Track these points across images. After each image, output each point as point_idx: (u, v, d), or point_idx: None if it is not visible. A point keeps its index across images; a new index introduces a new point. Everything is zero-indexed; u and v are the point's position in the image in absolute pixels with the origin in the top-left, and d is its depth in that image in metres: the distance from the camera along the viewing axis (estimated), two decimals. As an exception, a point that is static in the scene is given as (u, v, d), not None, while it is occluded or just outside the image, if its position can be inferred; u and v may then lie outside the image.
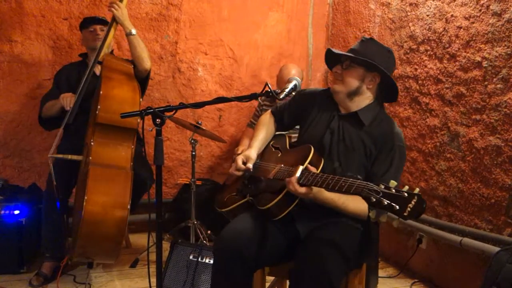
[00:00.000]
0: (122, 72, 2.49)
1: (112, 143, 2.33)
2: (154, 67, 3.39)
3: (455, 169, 2.44)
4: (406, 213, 1.20)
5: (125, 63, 2.61)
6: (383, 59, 1.69)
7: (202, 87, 3.55)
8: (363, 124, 1.71)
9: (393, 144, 1.66)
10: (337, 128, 1.74)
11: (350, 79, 1.70)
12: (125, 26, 2.54)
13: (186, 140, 3.50)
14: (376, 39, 3.13)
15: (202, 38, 3.49)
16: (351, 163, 1.67)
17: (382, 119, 1.74)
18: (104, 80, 2.37)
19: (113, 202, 2.21)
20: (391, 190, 1.25)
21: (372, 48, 1.70)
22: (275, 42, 3.72)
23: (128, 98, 2.37)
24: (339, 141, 1.73)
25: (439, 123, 2.55)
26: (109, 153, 2.31)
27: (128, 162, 2.33)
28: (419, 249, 2.69)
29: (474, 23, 2.30)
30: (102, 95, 2.31)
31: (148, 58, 2.60)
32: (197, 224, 2.82)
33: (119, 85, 2.40)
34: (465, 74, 2.37)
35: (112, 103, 2.32)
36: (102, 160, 2.27)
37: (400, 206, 1.21)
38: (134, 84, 2.45)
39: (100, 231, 2.17)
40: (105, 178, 2.24)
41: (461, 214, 2.41)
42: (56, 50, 3.14)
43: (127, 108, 2.30)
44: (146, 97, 3.38)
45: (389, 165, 1.65)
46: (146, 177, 2.58)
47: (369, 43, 1.72)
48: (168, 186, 3.56)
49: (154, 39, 3.36)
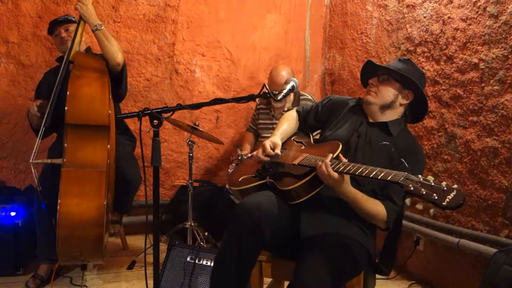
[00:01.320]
0: (93, 69, 2.42)
1: (85, 143, 2.26)
2: (152, 68, 3.39)
3: (452, 171, 2.44)
4: (445, 203, 1.21)
5: (98, 59, 2.54)
6: (418, 79, 1.73)
7: (200, 89, 3.54)
8: (391, 134, 1.74)
9: (417, 157, 1.70)
10: (364, 133, 1.77)
11: (386, 92, 1.74)
12: (89, 22, 2.49)
13: (183, 142, 3.49)
14: (373, 40, 3.16)
15: (200, 40, 3.49)
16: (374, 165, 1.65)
17: (407, 134, 1.79)
18: (72, 79, 2.30)
19: (88, 203, 2.16)
20: (429, 182, 1.27)
21: (408, 68, 1.74)
22: (272, 43, 3.72)
23: (97, 94, 2.30)
24: (365, 144, 1.75)
25: (436, 124, 2.56)
26: (82, 153, 2.24)
27: (104, 160, 2.25)
28: (416, 250, 2.69)
29: (471, 25, 2.31)
30: (69, 94, 2.25)
31: (119, 52, 2.51)
32: (194, 226, 2.81)
33: (87, 83, 2.33)
34: (462, 75, 2.37)
35: (80, 101, 2.26)
36: (75, 160, 2.22)
37: (439, 196, 1.23)
38: (104, 79, 2.38)
39: (78, 233, 2.13)
40: (78, 179, 2.18)
41: (458, 216, 2.41)
42: (53, 51, 3.12)
43: (97, 105, 2.25)
44: (143, 98, 3.37)
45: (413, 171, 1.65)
46: (134, 177, 2.55)
47: (406, 63, 1.77)
48: (165, 188, 3.55)
49: (152, 40, 3.36)
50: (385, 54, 3.01)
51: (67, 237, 2.13)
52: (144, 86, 3.35)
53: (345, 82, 3.53)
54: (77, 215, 2.13)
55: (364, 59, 3.24)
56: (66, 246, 2.15)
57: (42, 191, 2.32)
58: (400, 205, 1.65)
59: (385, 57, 3.00)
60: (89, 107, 2.23)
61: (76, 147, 2.24)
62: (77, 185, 2.17)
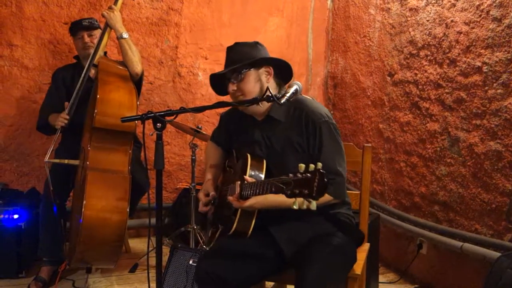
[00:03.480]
0: (118, 75, 2.49)
1: (110, 147, 2.31)
2: (154, 71, 3.40)
3: (456, 174, 2.44)
4: (315, 193, 1.20)
5: (120, 65, 2.60)
6: (258, 51, 1.69)
7: (202, 92, 3.55)
8: (280, 122, 1.69)
9: (315, 123, 1.64)
10: (261, 139, 1.73)
11: (248, 86, 1.68)
12: (116, 29, 2.54)
13: (186, 145, 3.50)
14: (376, 44, 3.16)
15: (202, 43, 3.50)
16: (288, 165, 1.60)
17: (294, 105, 1.70)
18: (101, 83, 2.35)
19: (112, 207, 2.20)
20: (297, 176, 1.25)
21: (242, 50, 1.69)
22: (275, 47, 3.72)
23: (125, 101, 2.36)
24: (268, 149, 1.71)
25: (439, 128, 2.56)
26: (106, 157, 2.29)
27: (126, 166, 2.32)
28: (419, 254, 2.68)
29: (474, 28, 2.31)
30: (99, 99, 2.29)
31: (139, 62, 2.58)
32: (196, 229, 2.81)
33: (116, 89, 2.39)
34: (465, 79, 2.37)
35: (109, 106, 2.31)
36: (99, 164, 2.27)
37: (308, 188, 1.20)
38: (130, 86, 2.44)
39: (99, 236, 2.17)
40: (103, 183, 2.23)
41: (461, 219, 2.41)
42: (57, 55, 3.14)
43: (124, 112, 2.30)
44: (146, 101, 3.38)
45: (321, 145, 1.62)
46: (143, 182, 2.58)
47: (235, 48, 1.71)
48: (167, 191, 3.55)
49: (155, 43, 3.37)
50: (388, 58, 3.01)
51: (89, 238, 2.16)
52: (147, 89, 3.36)
53: (347, 86, 3.53)
54: (101, 218, 2.17)
55: (367, 62, 3.25)
56: (86, 247, 2.19)
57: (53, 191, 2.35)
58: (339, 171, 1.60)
59: (388, 60, 3.01)
60: (118, 113, 2.27)
61: (100, 151, 2.29)
62: (103, 189, 2.21)
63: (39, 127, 2.76)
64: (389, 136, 2.99)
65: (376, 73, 3.16)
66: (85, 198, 2.15)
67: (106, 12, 2.54)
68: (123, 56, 2.58)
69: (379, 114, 3.10)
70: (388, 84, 3.02)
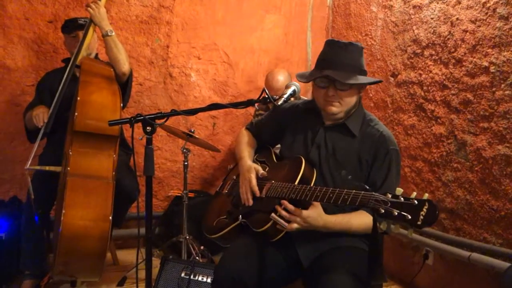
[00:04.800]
0: (102, 76, 2.49)
1: (92, 152, 2.31)
2: (144, 72, 3.40)
3: (463, 180, 2.45)
4: (420, 222, 1.21)
5: (105, 65, 2.60)
6: (362, 59, 1.71)
7: (195, 93, 3.56)
8: (353, 135, 1.72)
9: (387, 149, 1.67)
10: (323, 143, 1.74)
11: (350, 98, 1.70)
12: (101, 27, 2.55)
13: (178, 150, 3.50)
14: (379, 43, 3.18)
15: (195, 42, 3.51)
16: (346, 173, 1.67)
17: (367, 121, 1.75)
18: (82, 85, 2.36)
19: (94, 215, 2.20)
20: (399, 199, 1.25)
21: (354, 55, 1.68)
22: (272, 46, 3.75)
23: (108, 103, 2.36)
24: (328, 156, 1.72)
25: (445, 131, 2.57)
26: (88, 162, 2.29)
27: (110, 171, 2.31)
28: (425, 265, 2.69)
29: (481, 27, 2.33)
30: (80, 101, 2.30)
31: (127, 61, 2.59)
32: (189, 239, 2.80)
33: (98, 90, 2.39)
34: (472, 79, 2.39)
35: (91, 109, 2.31)
36: (81, 170, 2.26)
37: (412, 215, 1.21)
38: (114, 88, 2.44)
39: (81, 246, 2.16)
40: (84, 190, 2.22)
41: (469, 228, 2.42)
42: (41, 55, 3.15)
43: (107, 114, 2.30)
44: (135, 104, 3.38)
45: (387, 172, 1.65)
46: (132, 189, 2.57)
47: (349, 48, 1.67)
48: (158, 199, 3.54)
49: (145, 42, 3.38)
50: (391, 57, 3.03)
51: (70, 249, 2.15)
52: (136, 90, 3.37)
53: (349, 87, 3.54)
54: (82, 227, 2.16)
55: (369, 62, 3.26)
56: (67, 259, 2.18)
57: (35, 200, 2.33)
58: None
59: (391, 60, 3.03)
60: (100, 116, 2.28)
61: (82, 156, 2.29)
62: (84, 196, 2.21)
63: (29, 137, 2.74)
64: (393, 140, 3.00)
65: (378, 74, 3.18)
66: (64, 206, 2.15)
67: (91, 8, 2.53)
68: (108, 55, 2.58)
69: (382, 116, 3.12)
70: (391, 85, 3.03)
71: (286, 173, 1.71)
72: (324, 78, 1.66)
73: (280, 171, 1.77)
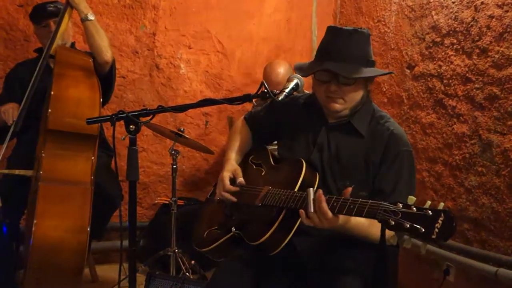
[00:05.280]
0: (79, 67, 2.48)
1: (68, 153, 2.30)
2: (128, 63, 3.39)
3: (488, 186, 2.45)
4: (434, 235, 1.20)
5: (83, 56, 2.59)
6: (370, 48, 1.68)
7: (185, 87, 3.55)
8: (361, 135, 1.70)
9: (398, 150, 1.65)
10: (326, 144, 1.73)
11: (355, 94, 1.67)
12: (80, 10, 2.53)
13: (165, 151, 3.49)
14: (393, 30, 3.18)
15: (185, 29, 3.50)
16: (351, 183, 1.62)
17: (376, 118, 1.73)
18: (56, 77, 2.35)
19: (70, 225, 2.19)
20: (411, 209, 1.24)
21: (359, 44, 1.64)
22: (272, 33, 3.74)
23: (86, 98, 2.35)
24: (331, 160, 1.71)
25: (468, 130, 2.57)
26: (63, 166, 2.28)
27: (88, 176, 2.30)
28: (446, 282, 2.68)
29: (509, 12, 2.33)
30: (53, 95, 2.29)
31: (109, 48, 2.58)
32: (178, 253, 2.80)
33: (75, 83, 2.38)
34: (499, 72, 2.39)
35: (66, 105, 2.30)
36: (55, 174, 2.25)
37: (426, 227, 1.20)
38: (93, 81, 2.44)
39: (55, 261, 2.15)
40: (58, 197, 2.22)
41: (496, 240, 2.41)
42: (9, 43, 3.13)
43: (84, 110, 2.29)
44: (118, 99, 3.37)
45: (399, 177, 1.63)
46: (114, 195, 2.56)
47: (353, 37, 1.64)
48: (143, 207, 3.54)
49: (128, 30, 3.37)
50: (407, 46, 3.03)
51: (42, 264, 2.14)
52: (118, 84, 3.35)
53: (359, 80, 3.54)
54: (56, 239, 2.15)
55: (382, 52, 3.26)
56: (39, 275, 2.18)
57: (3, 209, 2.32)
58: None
59: (407, 50, 3.03)
60: (76, 112, 2.26)
61: (56, 159, 2.27)
62: (58, 204, 2.20)
63: None
64: (409, 140, 3.00)
65: (393, 65, 3.18)
66: (36, 216, 2.14)
67: None
68: (88, 42, 2.57)
69: (396, 113, 3.12)
70: (407, 78, 3.03)
71: (285, 178, 1.70)
72: (325, 72, 1.65)
73: (278, 176, 1.77)
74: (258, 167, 1.89)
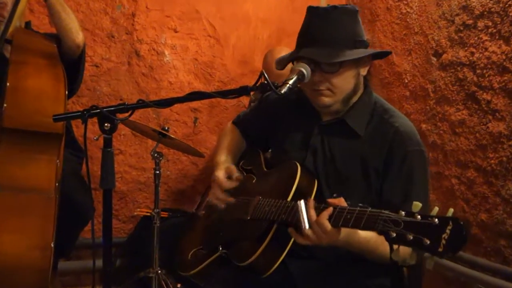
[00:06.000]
0: (41, 53, 2.45)
1: (27, 156, 2.29)
2: (102, 49, 3.40)
3: (529, 195, 2.46)
4: (441, 248, 1.19)
5: (45, 40, 2.58)
6: (360, 27, 1.72)
7: (170, 78, 3.55)
8: (358, 135, 1.70)
9: (406, 150, 1.65)
10: (320, 146, 1.74)
11: (343, 82, 1.68)
12: None
13: (147, 154, 3.49)
14: (416, 11, 3.19)
15: (170, 9, 3.51)
16: (350, 192, 1.62)
17: (379, 113, 1.73)
18: (13, 66, 2.32)
19: (30, 241, 2.18)
20: (415, 218, 1.24)
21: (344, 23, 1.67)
22: (273, 14, 3.75)
23: (49, 90, 2.33)
24: (326, 163, 1.72)
25: (505, 129, 2.58)
26: (22, 170, 2.26)
27: (52, 182, 2.29)
28: (479, 308, 2.70)
29: (553, -10, 2.34)
30: (9, 87, 2.26)
31: (79, 30, 2.57)
32: (161, 274, 2.80)
33: (35, 72, 2.36)
34: (541, 60, 2.40)
35: (25, 98, 2.28)
36: (11, 181, 2.24)
37: (432, 238, 1.20)
38: (57, 70, 2.41)
39: (12, 282, 2.15)
40: (16, 207, 2.20)
41: (538, 259, 2.43)
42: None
43: (47, 104, 2.27)
44: (89, 91, 3.38)
45: (409, 184, 1.63)
46: (85, 206, 2.56)
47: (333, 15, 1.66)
48: (120, 220, 3.54)
49: (102, 9, 3.37)
50: (433, 30, 3.04)
51: None
52: (91, 74, 3.36)
53: (376, 69, 3.55)
54: (14, 256, 2.14)
55: (404, 36, 3.27)
56: None
57: None
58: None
59: (433, 34, 3.03)
60: (37, 107, 2.25)
61: (13, 162, 2.25)
62: (16, 216, 2.18)
63: None
64: (436, 141, 3.01)
65: (416, 52, 3.19)
66: None
67: None
68: (55, 23, 2.56)
69: (421, 109, 3.13)
70: (433, 68, 3.04)
71: (276, 186, 1.72)
72: (305, 61, 1.64)
73: (269, 183, 1.78)
74: (249, 174, 1.90)
